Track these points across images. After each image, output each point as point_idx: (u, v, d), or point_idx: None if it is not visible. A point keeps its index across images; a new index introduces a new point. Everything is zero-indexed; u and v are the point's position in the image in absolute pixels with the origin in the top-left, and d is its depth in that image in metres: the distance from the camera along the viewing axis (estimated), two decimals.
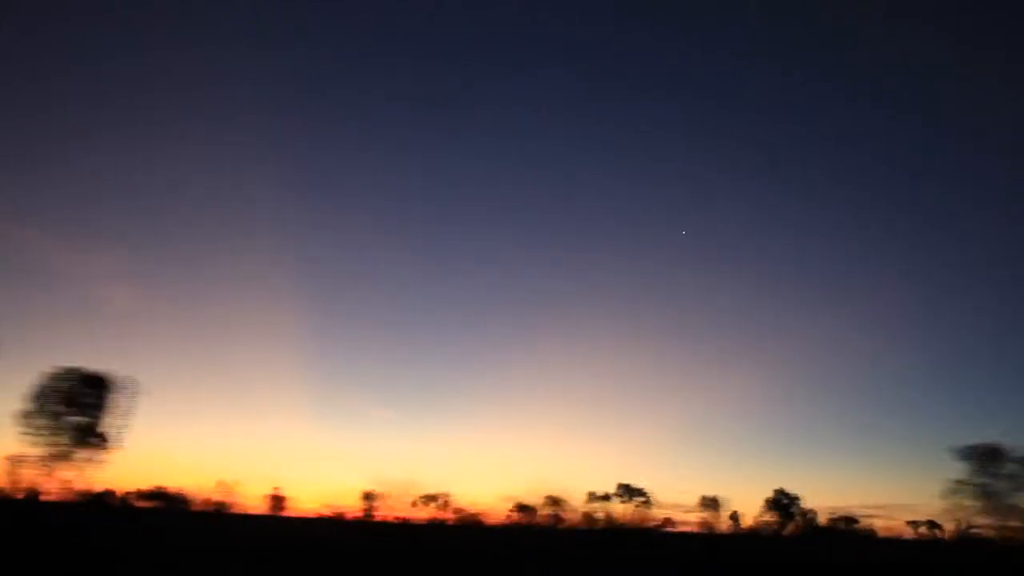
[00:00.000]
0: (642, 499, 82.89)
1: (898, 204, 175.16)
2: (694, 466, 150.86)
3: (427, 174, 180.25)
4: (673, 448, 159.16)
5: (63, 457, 43.53)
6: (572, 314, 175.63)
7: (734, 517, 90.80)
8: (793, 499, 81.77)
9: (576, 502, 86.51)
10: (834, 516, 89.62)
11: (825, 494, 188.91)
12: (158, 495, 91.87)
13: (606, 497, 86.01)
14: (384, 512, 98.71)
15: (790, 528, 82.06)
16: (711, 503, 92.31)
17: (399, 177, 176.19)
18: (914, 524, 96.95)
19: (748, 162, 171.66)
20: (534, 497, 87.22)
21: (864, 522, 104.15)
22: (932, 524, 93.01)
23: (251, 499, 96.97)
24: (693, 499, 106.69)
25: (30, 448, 43.09)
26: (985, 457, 51.20)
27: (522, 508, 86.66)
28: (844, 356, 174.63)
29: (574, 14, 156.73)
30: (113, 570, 23.41)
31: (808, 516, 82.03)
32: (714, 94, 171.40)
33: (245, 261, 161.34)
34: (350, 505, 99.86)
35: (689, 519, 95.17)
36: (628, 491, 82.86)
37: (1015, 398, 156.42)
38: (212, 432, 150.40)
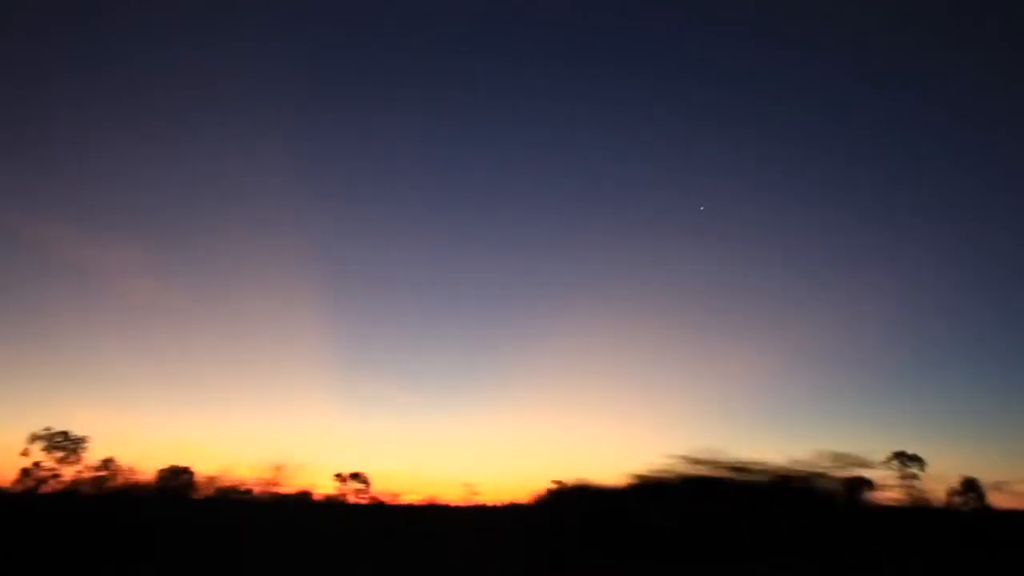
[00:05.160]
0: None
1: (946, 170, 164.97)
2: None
3: (445, 163, 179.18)
4: (699, 422, 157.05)
5: None
6: (595, 295, 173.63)
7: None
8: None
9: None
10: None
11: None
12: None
13: None
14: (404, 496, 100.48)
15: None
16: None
17: (418, 167, 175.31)
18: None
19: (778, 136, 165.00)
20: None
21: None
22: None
23: (286, 486, 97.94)
24: None
25: None
26: None
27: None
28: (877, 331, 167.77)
29: (585, 5, 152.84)
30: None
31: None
32: (730, 78, 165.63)
33: (267, 252, 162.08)
34: (379, 489, 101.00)
35: None
36: None
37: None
38: (237, 422, 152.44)
